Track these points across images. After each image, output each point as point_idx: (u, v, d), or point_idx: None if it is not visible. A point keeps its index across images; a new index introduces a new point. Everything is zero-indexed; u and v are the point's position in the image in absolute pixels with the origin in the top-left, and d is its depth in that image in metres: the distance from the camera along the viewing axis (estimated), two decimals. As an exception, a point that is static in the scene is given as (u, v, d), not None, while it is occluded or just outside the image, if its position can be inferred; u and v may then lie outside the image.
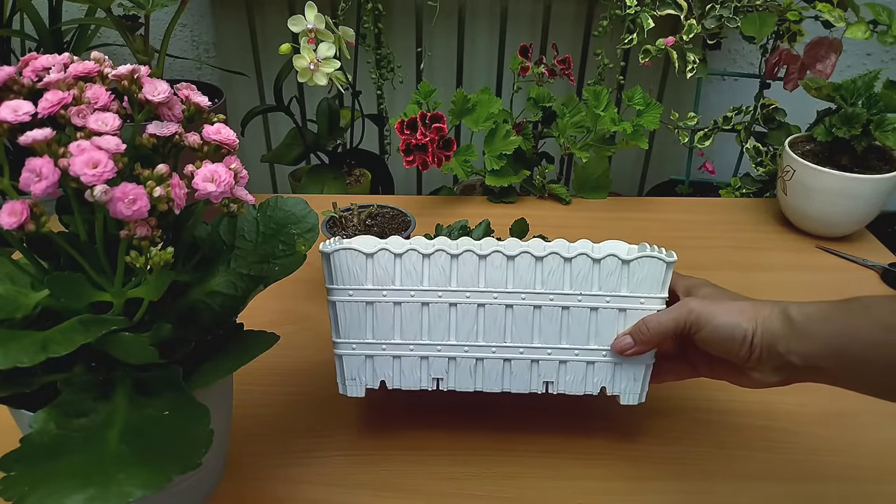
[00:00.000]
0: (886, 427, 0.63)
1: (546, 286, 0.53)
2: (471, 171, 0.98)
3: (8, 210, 0.36)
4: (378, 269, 0.52)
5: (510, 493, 0.56)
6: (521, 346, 0.55)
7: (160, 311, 0.46)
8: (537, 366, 0.55)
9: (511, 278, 0.53)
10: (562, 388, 0.56)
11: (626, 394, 0.56)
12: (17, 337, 0.38)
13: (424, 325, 0.54)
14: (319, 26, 0.88)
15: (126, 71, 0.42)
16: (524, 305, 0.54)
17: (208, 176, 0.40)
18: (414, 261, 0.52)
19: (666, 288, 0.53)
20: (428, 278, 0.53)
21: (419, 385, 0.56)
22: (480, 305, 0.54)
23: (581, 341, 0.55)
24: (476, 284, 0.53)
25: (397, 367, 0.56)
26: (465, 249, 0.51)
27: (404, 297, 0.53)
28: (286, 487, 0.56)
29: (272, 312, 0.74)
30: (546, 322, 0.54)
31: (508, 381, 0.56)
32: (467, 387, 0.56)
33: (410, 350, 0.55)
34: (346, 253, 0.51)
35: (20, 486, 0.34)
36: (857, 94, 0.90)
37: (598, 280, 0.53)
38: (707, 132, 1.17)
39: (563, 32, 1.51)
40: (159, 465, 0.36)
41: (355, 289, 0.53)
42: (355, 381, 0.56)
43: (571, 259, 0.52)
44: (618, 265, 0.52)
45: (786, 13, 1.02)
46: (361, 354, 0.55)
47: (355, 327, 0.54)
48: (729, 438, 0.61)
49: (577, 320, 0.54)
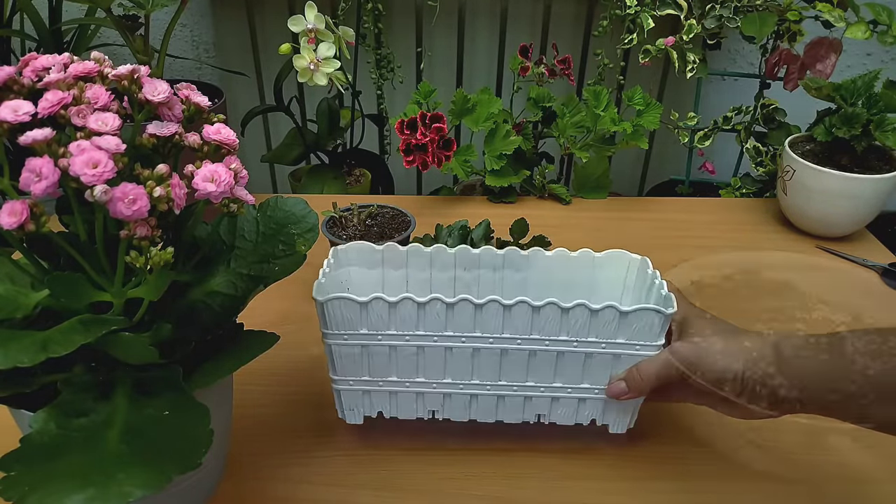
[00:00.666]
0: (886, 427, 0.63)
1: (542, 333, 0.53)
2: (471, 171, 0.98)
3: (8, 210, 0.36)
4: (372, 316, 0.52)
5: (510, 493, 0.56)
6: (515, 385, 0.56)
7: (160, 311, 0.46)
8: (530, 401, 0.57)
9: (507, 325, 0.53)
10: (553, 419, 0.58)
11: (615, 424, 0.58)
12: (17, 337, 0.38)
13: (420, 365, 0.55)
14: (319, 26, 0.88)
15: (126, 71, 0.42)
16: (519, 350, 0.54)
17: (208, 176, 0.40)
18: (409, 308, 0.52)
19: (663, 336, 0.53)
20: (423, 326, 0.53)
21: (415, 415, 0.58)
22: (476, 350, 0.54)
23: (574, 381, 0.56)
24: (471, 331, 0.53)
25: (394, 400, 0.57)
26: (461, 298, 0.51)
27: (399, 342, 0.54)
28: (286, 487, 0.56)
29: (272, 312, 0.74)
30: (540, 364, 0.55)
31: (502, 412, 0.58)
32: (462, 417, 0.58)
33: (406, 386, 0.56)
34: (339, 302, 0.52)
35: (20, 486, 0.34)
36: (857, 94, 0.90)
37: (595, 328, 0.53)
38: (707, 132, 1.17)
39: (563, 32, 1.51)
40: (159, 465, 0.36)
41: (350, 334, 0.53)
42: (353, 411, 0.58)
43: (569, 310, 0.52)
44: (615, 316, 0.52)
45: (786, 13, 1.02)
46: (359, 389, 0.57)
47: (352, 367, 0.55)
48: (729, 438, 0.61)
49: (571, 362, 0.55)
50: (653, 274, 0.57)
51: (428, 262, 0.61)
